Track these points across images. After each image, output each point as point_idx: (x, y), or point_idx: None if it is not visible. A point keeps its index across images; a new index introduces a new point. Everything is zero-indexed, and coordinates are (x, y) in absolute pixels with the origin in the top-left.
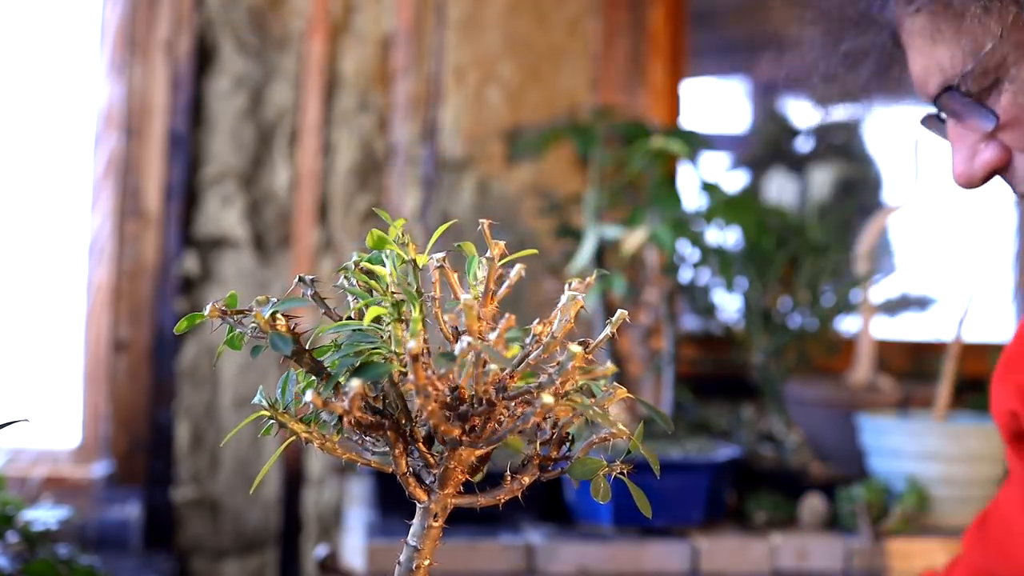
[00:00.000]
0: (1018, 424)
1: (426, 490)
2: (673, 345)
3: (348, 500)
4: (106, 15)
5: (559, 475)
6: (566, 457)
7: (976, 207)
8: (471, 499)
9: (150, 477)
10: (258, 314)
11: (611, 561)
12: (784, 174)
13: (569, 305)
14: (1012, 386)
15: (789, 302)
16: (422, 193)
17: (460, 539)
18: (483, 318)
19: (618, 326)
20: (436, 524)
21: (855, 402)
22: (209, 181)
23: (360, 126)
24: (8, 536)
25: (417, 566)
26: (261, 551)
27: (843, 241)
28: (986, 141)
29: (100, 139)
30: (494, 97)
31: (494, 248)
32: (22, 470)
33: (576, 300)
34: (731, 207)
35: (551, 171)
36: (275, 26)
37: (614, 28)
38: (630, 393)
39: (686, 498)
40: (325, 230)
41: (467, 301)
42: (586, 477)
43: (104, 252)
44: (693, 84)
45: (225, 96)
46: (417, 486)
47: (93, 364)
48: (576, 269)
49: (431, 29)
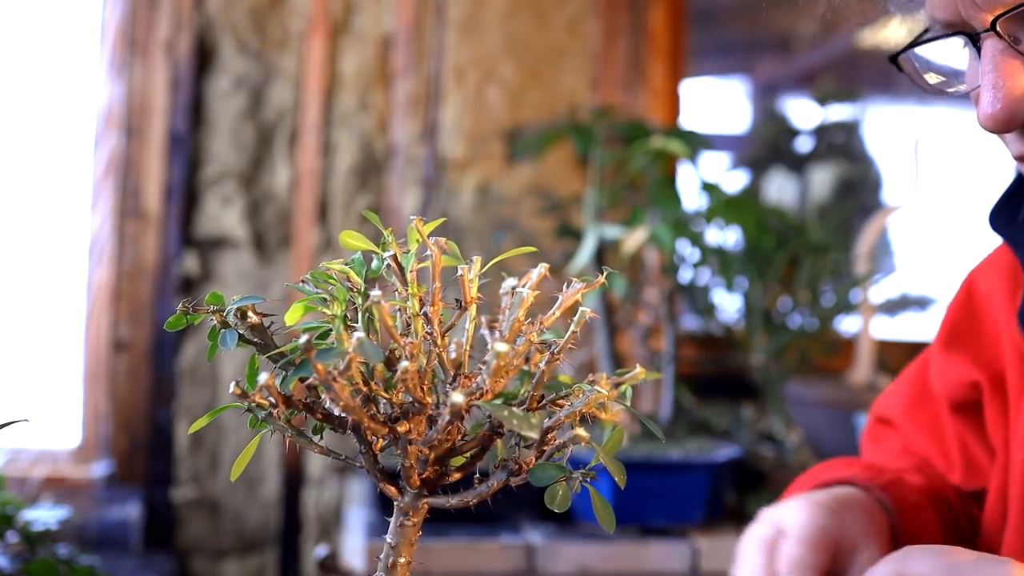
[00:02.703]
0: (978, 395)
1: (399, 489)
2: (673, 345)
3: (348, 500)
4: (106, 15)
5: (524, 480)
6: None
7: (976, 206)
8: (443, 499)
9: (150, 477)
10: (215, 312)
11: (611, 561)
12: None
13: (518, 302)
14: (968, 358)
15: (789, 302)
16: (422, 193)
17: (460, 539)
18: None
19: (582, 324)
20: (409, 523)
21: (855, 402)
22: (209, 181)
23: (360, 126)
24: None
25: (393, 563)
26: (261, 551)
27: (843, 241)
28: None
29: (100, 139)
30: (494, 97)
31: (433, 247)
32: (22, 470)
33: (525, 298)
34: (731, 207)
35: (551, 171)
36: (275, 26)
37: (614, 28)
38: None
39: (686, 498)
40: (325, 230)
41: (384, 303)
42: (544, 483)
43: (104, 252)
44: (693, 84)
45: (225, 96)
46: (387, 484)
47: (93, 364)
48: (576, 269)
49: (431, 29)
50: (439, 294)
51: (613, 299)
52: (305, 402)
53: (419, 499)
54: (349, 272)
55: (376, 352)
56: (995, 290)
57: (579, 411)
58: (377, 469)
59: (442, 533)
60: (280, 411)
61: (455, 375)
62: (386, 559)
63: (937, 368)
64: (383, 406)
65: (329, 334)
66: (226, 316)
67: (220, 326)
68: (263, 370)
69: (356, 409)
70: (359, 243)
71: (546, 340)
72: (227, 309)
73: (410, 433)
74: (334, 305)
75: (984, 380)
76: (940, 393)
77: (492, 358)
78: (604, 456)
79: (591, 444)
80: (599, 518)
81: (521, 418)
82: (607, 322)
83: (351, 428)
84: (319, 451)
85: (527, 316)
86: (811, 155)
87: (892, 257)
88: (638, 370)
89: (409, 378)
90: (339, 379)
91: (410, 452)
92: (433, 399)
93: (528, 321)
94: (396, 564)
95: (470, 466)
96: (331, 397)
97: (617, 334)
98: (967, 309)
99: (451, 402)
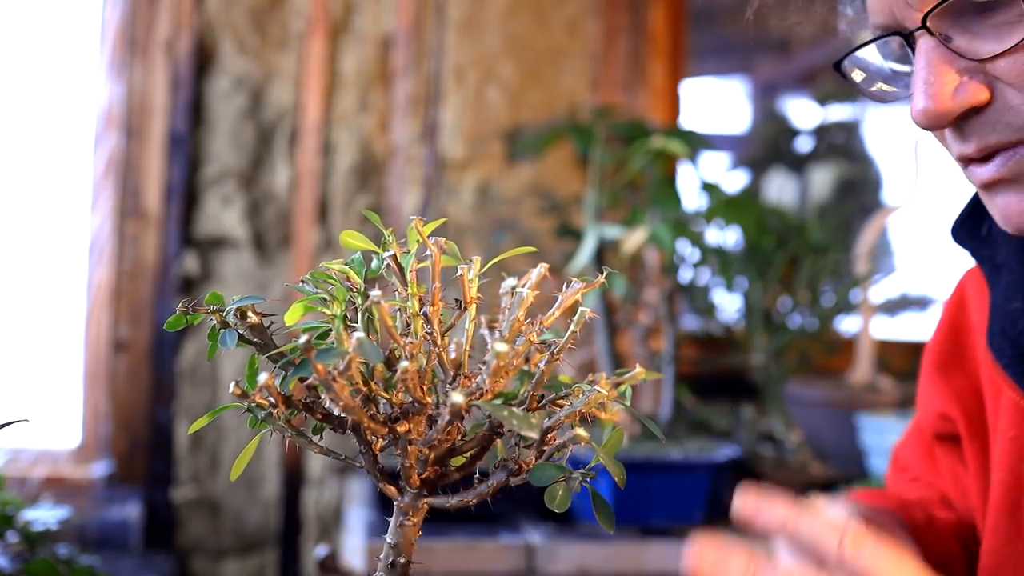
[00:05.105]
0: (950, 428)
1: (399, 489)
2: (673, 345)
3: (348, 500)
4: (106, 15)
5: (524, 480)
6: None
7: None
8: (443, 499)
9: (150, 477)
10: (215, 312)
11: (611, 561)
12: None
13: (518, 302)
14: (949, 389)
15: (789, 302)
16: (422, 193)
17: (460, 539)
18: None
19: (581, 324)
20: (409, 523)
21: (855, 402)
22: (209, 181)
23: (360, 126)
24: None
25: (392, 563)
26: (261, 551)
27: (843, 241)
28: (971, 72)
29: (100, 139)
30: (494, 97)
31: (433, 247)
32: (22, 470)
33: (525, 298)
34: (731, 207)
35: (551, 171)
36: (275, 26)
37: (614, 28)
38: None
39: (686, 498)
40: (325, 230)
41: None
42: (544, 483)
43: (104, 252)
44: (693, 84)
45: (225, 96)
46: (387, 484)
47: (93, 364)
48: (576, 269)
49: (431, 29)
50: (439, 294)
51: (613, 299)
52: (305, 402)
53: (419, 499)
54: (349, 272)
55: (376, 352)
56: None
57: (579, 411)
58: (377, 469)
59: (442, 533)
60: (280, 411)
61: (455, 375)
62: (386, 559)
63: (922, 393)
64: (383, 406)
65: (329, 334)
66: (226, 316)
67: (220, 326)
68: (263, 370)
69: (356, 409)
70: (360, 243)
71: (546, 340)
72: (227, 309)
73: (410, 433)
74: (334, 305)
75: (958, 412)
76: (925, 427)
77: (492, 358)
78: (604, 456)
79: (591, 444)
80: (599, 518)
81: (521, 418)
82: (607, 322)
83: (351, 428)
84: (319, 451)
85: (527, 316)
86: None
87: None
88: (638, 370)
89: (409, 378)
90: (339, 379)
91: (410, 452)
92: (433, 399)
93: (528, 321)
94: (396, 564)
95: (470, 466)
96: (331, 397)
97: (617, 334)
98: (954, 326)
99: (451, 402)
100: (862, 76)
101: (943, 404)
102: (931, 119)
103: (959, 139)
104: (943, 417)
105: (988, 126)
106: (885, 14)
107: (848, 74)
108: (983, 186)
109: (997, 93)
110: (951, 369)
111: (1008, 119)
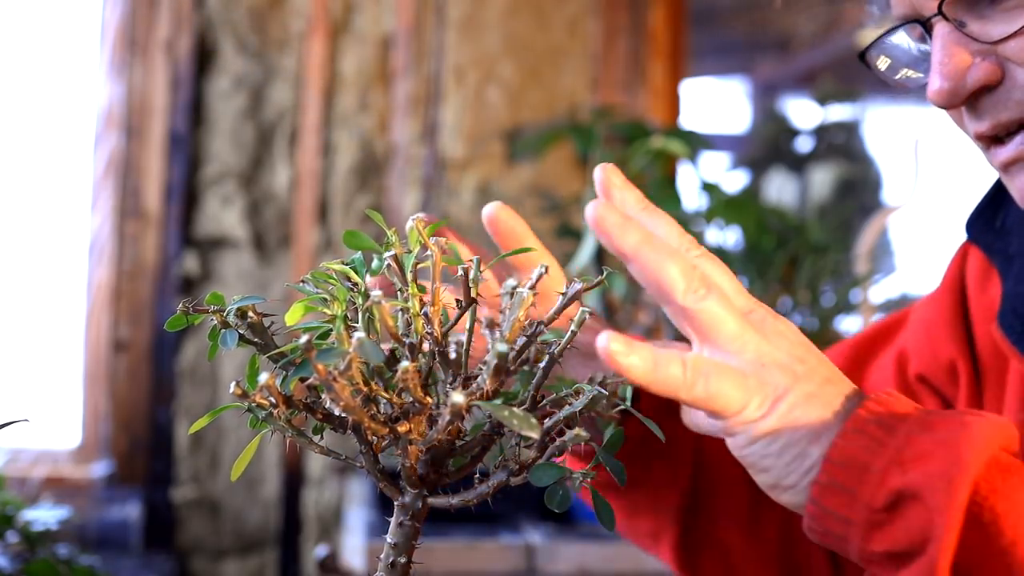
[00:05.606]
0: (943, 379)
1: (400, 489)
2: None
3: (348, 500)
4: (106, 15)
5: (524, 480)
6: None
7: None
8: (443, 499)
9: (150, 477)
10: (215, 312)
11: (611, 561)
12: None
13: (518, 302)
14: (959, 345)
15: (789, 302)
16: (422, 193)
17: (460, 539)
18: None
19: (581, 324)
20: (409, 523)
21: None
22: (209, 181)
23: (360, 126)
24: (8, 536)
25: (393, 563)
26: (261, 551)
27: (843, 241)
28: (984, 54)
29: (100, 139)
30: (494, 97)
31: (433, 248)
32: (22, 470)
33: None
34: (731, 207)
35: (551, 171)
36: (275, 26)
37: (614, 28)
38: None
39: None
40: (325, 230)
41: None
42: (544, 483)
43: (104, 252)
44: (693, 84)
45: (225, 96)
46: (387, 484)
47: (93, 364)
48: (576, 269)
49: (431, 29)
50: (439, 294)
51: (613, 299)
52: (305, 402)
53: (419, 499)
54: (349, 272)
55: (376, 352)
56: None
57: (579, 411)
58: (377, 469)
59: (442, 533)
60: (280, 411)
61: (455, 375)
62: (386, 559)
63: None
64: (383, 406)
65: (329, 334)
66: (226, 316)
67: (220, 326)
68: (263, 370)
69: (356, 409)
70: (362, 243)
71: (546, 340)
72: (227, 309)
73: (411, 433)
74: (334, 305)
75: (964, 367)
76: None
77: (492, 358)
78: (604, 456)
79: (591, 444)
80: (599, 518)
81: (521, 418)
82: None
83: (351, 428)
84: (319, 451)
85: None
86: (811, 155)
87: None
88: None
89: (409, 378)
90: (339, 379)
91: (410, 452)
92: (433, 399)
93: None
94: (396, 564)
95: (470, 466)
96: (331, 397)
97: None
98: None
99: (451, 402)
100: (887, 63)
101: (952, 352)
102: (946, 97)
103: (974, 117)
104: (948, 365)
105: (1000, 104)
106: (905, 4)
107: (873, 63)
108: (1003, 166)
109: (1008, 73)
110: (959, 330)
111: (1019, 97)
